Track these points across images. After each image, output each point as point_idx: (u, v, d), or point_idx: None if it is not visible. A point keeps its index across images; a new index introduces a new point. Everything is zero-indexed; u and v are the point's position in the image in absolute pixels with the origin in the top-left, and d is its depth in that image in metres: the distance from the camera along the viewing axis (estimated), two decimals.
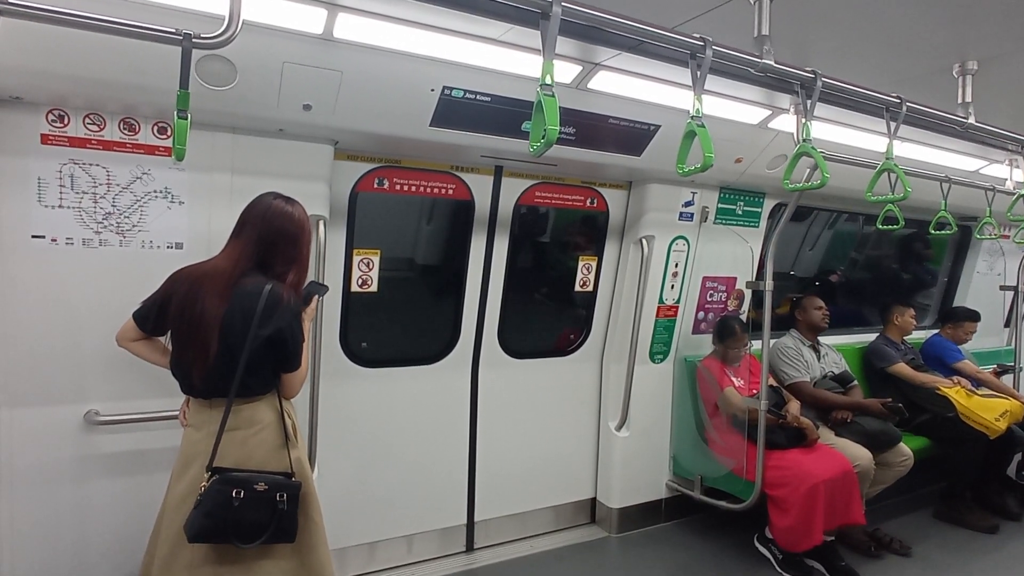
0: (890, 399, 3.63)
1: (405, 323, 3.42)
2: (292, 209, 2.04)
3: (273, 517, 1.89)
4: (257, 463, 1.93)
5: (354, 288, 2.94)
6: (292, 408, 2.12)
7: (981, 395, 3.96)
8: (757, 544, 3.43)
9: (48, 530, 2.28)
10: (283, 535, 1.93)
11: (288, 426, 2.02)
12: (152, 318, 1.98)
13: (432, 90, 2.34)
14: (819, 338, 3.94)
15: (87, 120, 2.16)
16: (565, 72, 2.36)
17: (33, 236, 2.14)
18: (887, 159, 2.46)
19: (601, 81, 2.45)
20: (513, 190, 3.22)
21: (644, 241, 3.45)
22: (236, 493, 1.84)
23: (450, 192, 3.08)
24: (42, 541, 2.27)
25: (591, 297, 3.63)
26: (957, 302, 5.42)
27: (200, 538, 1.84)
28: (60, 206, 2.16)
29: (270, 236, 1.99)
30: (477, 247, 3.19)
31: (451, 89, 2.36)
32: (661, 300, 3.59)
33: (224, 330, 1.88)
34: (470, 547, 3.42)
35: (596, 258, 3.59)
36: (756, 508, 3.27)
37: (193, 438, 1.97)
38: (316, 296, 2.20)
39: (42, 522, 2.26)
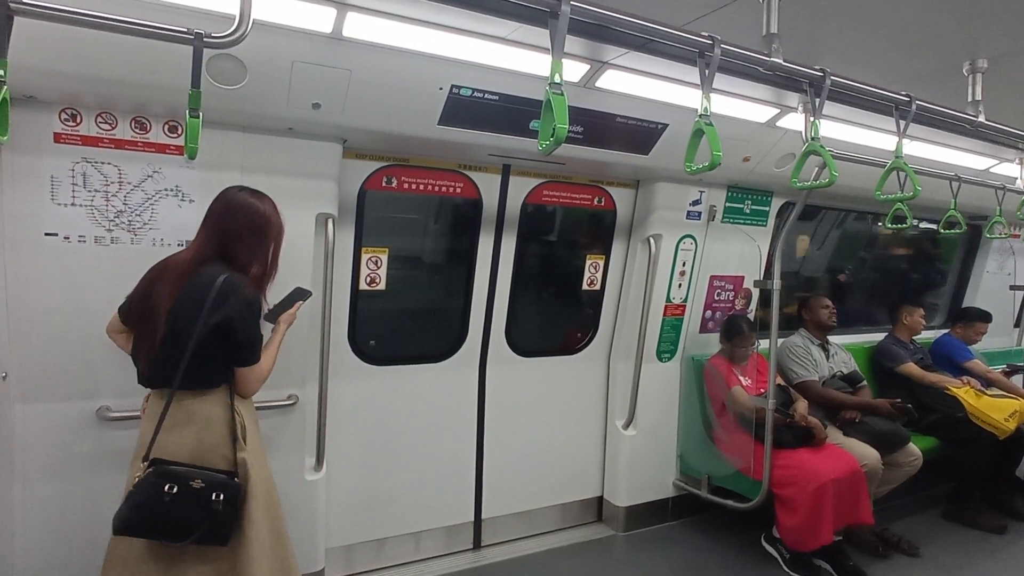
0: (899, 399, 3.62)
1: (413, 321, 3.43)
2: (257, 202, 2.03)
3: (206, 517, 1.81)
4: (198, 459, 1.87)
5: (362, 286, 2.96)
6: (245, 407, 2.04)
7: (991, 395, 3.94)
8: (764, 543, 3.42)
9: (60, 524, 2.30)
10: (214, 537, 1.85)
11: (237, 424, 1.95)
12: (126, 309, 2.01)
13: (440, 89, 2.35)
14: (828, 337, 3.92)
15: (99, 119, 2.19)
16: (573, 71, 2.36)
17: (46, 234, 2.16)
18: (896, 158, 2.44)
19: (609, 80, 2.45)
20: (521, 189, 3.22)
21: (651, 240, 3.45)
22: (169, 488, 1.78)
23: (458, 191, 3.09)
24: (54, 535, 2.29)
25: (598, 296, 3.64)
26: (967, 302, 5.39)
27: (126, 531, 1.79)
28: (73, 204, 2.19)
29: (233, 228, 1.98)
30: (485, 246, 3.20)
31: (459, 88, 2.37)
32: (668, 299, 3.59)
33: (172, 317, 1.85)
34: (477, 544, 3.43)
35: (603, 257, 3.59)
36: (763, 507, 3.26)
37: (143, 429, 1.96)
38: (299, 302, 2.22)
39: (54, 516, 2.29)
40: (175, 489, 1.79)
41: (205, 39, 1.52)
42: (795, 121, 2.89)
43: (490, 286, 3.27)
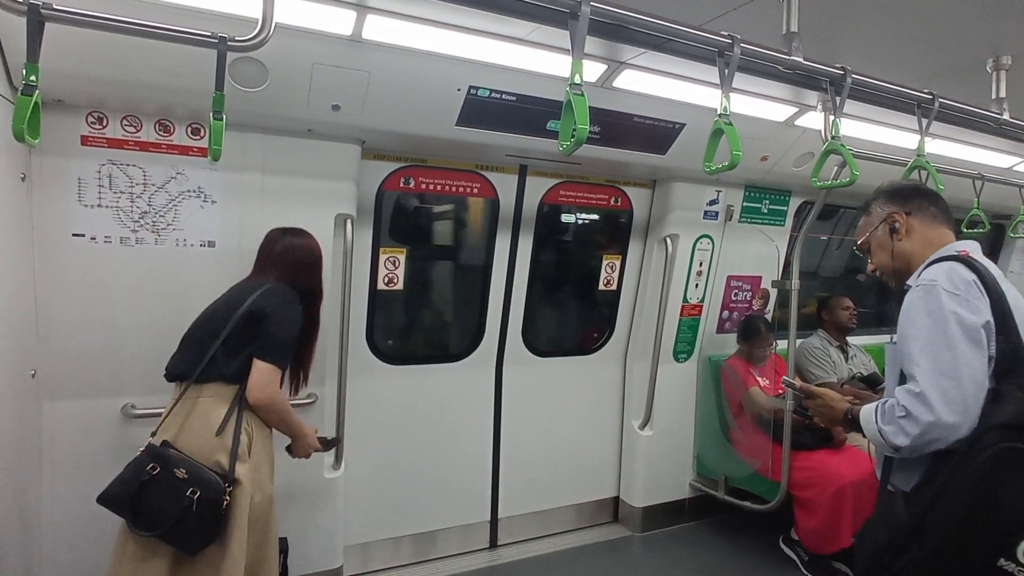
0: None
1: (430, 321, 3.45)
2: (305, 242, 2.18)
3: (175, 512, 1.75)
4: (193, 452, 1.84)
5: (380, 286, 2.98)
6: (258, 424, 1.99)
7: None
8: (783, 545, 3.39)
9: (85, 519, 2.34)
10: (179, 539, 1.78)
11: (241, 436, 1.89)
12: None
13: (458, 90, 2.37)
14: (847, 339, 3.88)
15: (124, 122, 2.23)
16: (591, 71, 2.36)
17: (74, 235, 2.21)
18: (918, 156, 2.42)
19: (626, 79, 2.45)
20: (537, 189, 3.23)
21: (668, 240, 3.44)
22: (151, 468, 1.76)
23: (475, 191, 3.10)
24: (79, 530, 2.33)
25: (615, 296, 3.63)
26: None
27: (104, 500, 1.80)
28: (99, 205, 2.23)
29: (292, 269, 2.11)
30: (502, 246, 3.21)
31: (477, 89, 2.38)
32: (685, 299, 3.58)
33: (210, 312, 1.97)
34: (494, 543, 3.44)
35: (620, 257, 3.58)
36: (781, 509, 3.24)
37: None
38: (324, 449, 2.27)
39: (80, 511, 2.33)
40: (156, 471, 1.77)
41: (229, 42, 1.54)
42: (813, 120, 2.88)
43: (507, 286, 3.28)
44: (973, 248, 1.61)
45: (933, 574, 1.37)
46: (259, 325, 1.91)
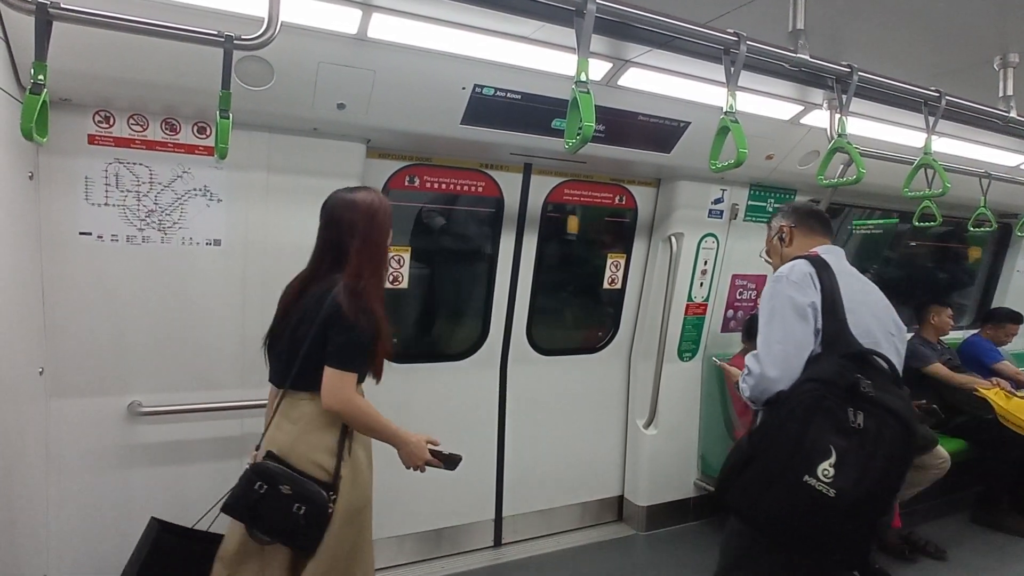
0: (924, 400, 3.55)
1: (435, 319, 3.45)
2: (353, 196, 1.93)
3: (287, 525, 1.78)
4: (292, 456, 1.84)
5: (384, 285, 2.98)
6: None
7: (1021, 397, 3.85)
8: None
9: (91, 516, 2.36)
10: (297, 544, 1.84)
11: (346, 436, 1.90)
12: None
13: (463, 88, 2.37)
14: None
15: (131, 121, 2.24)
16: (596, 69, 2.36)
17: (81, 233, 2.22)
18: (925, 154, 2.41)
19: (631, 78, 2.45)
20: (542, 188, 3.23)
21: (673, 239, 3.44)
22: (259, 486, 1.78)
23: (480, 190, 3.10)
24: (85, 527, 2.35)
25: (619, 295, 3.63)
26: (997, 301, 5.28)
27: (227, 511, 1.82)
28: (106, 204, 2.24)
29: (335, 231, 1.93)
30: (506, 244, 3.21)
31: (482, 87, 2.38)
32: (690, 298, 3.57)
33: (296, 321, 1.90)
34: (498, 542, 3.44)
35: (624, 255, 3.58)
36: None
37: (266, 421, 2.02)
38: (442, 465, 2.06)
39: (86, 508, 2.35)
40: (263, 489, 1.79)
41: (235, 41, 1.55)
42: (819, 118, 2.87)
43: (511, 285, 3.28)
44: (829, 251, 2.04)
45: (760, 488, 1.74)
46: (329, 329, 1.84)
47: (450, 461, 2.06)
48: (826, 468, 1.63)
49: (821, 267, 1.89)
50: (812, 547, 1.75)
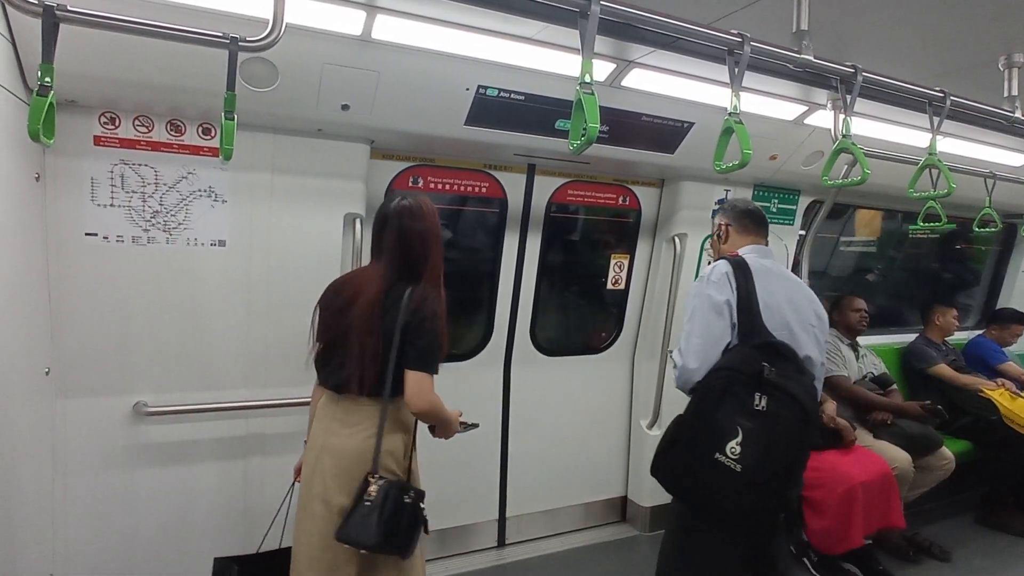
0: (929, 401, 3.55)
1: None
2: (419, 205, 1.98)
3: (401, 529, 1.84)
4: (375, 466, 1.88)
5: None
6: (410, 422, 2.03)
7: None
8: (791, 547, 3.38)
9: (97, 517, 2.37)
10: (399, 545, 1.88)
11: (410, 438, 2.00)
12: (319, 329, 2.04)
13: (467, 89, 2.37)
14: (858, 339, 3.86)
15: (136, 122, 2.24)
16: (600, 70, 2.36)
17: (86, 234, 2.23)
18: (930, 155, 2.40)
19: (635, 79, 2.45)
20: (546, 188, 3.23)
21: (677, 239, 3.43)
22: (408, 497, 1.84)
23: (483, 190, 3.11)
24: (91, 527, 2.36)
25: (623, 295, 3.63)
26: (1002, 302, 5.26)
27: (394, 539, 1.83)
28: (111, 205, 2.25)
29: (406, 240, 1.95)
30: (510, 245, 3.22)
31: (486, 88, 2.38)
32: None
33: (377, 329, 1.88)
34: (501, 542, 3.45)
35: (628, 256, 3.58)
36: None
37: (316, 425, 2.01)
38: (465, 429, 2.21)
39: (91, 509, 2.36)
40: (410, 499, 1.86)
41: (240, 43, 1.55)
42: (823, 118, 2.86)
43: (515, 285, 3.28)
44: (756, 250, 2.24)
45: (681, 466, 1.99)
46: (410, 333, 1.87)
47: (470, 427, 2.27)
48: (733, 446, 1.82)
49: (739, 267, 2.09)
50: (726, 516, 1.96)
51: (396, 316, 1.86)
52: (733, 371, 1.90)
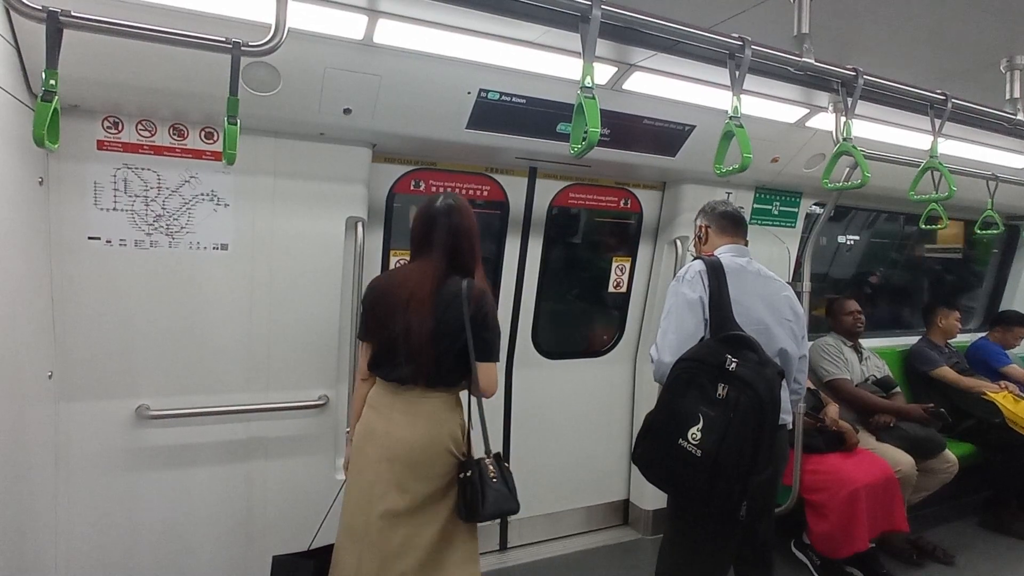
0: (932, 404, 3.54)
1: None
2: (461, 204, 2.15)
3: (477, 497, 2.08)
4: (445, 449, 2.10)
5: None
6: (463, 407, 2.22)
7: None
8: (794, 550, 3.38)
9: (99, 520, 2.37)
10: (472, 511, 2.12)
11: (464, 420, 2.19)
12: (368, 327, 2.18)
13: (469, 93, 2.38)
14: (861, 342, 3.86)
15: (139, 126, 2.25)
16: (601, 73, 2.36)
17: (89, 237, 2.23)
18: (931, 157, 2.40)
19: (636, 82, 2.45)
20: (547, 191, 3.23)
21: (678, 242, 3.43)
22: (492, 475, 2.09)
23: (485, 193, 3.11)
24: (93, 530, 2.36)
25: (625, 298, 3.63)
26: (1004, 304, 5.26)
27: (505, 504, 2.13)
28: (114, 209, 2.25)
29: (454, 237, 2.10)
30: (511, 248, 3.22)
31: (487, 92, 2.39)
32: None
33: (440, 323, 2.02)
34: (503, 546, 3.44)
35: (630, 259, 3.58)
36: (793, 513, 3.22)
37: (373, 420, 2.16)
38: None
39: (93, 512, 2.36)
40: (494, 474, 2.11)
41: (243, 48, 1.56)
42: (824, 121, 2.86)
43: (516, 288, 3.28)
44: (733, 250, 2.34)
45: (651, 452, 2.10)
46: (480, 326, 2.05)
47: None
48: (695, 432, 1.93)
49: (711, 267, 2.21)
50: (692, 500, 2.07)
51: (460, 309, 2.00)
52: (699, 362, 2.01)
